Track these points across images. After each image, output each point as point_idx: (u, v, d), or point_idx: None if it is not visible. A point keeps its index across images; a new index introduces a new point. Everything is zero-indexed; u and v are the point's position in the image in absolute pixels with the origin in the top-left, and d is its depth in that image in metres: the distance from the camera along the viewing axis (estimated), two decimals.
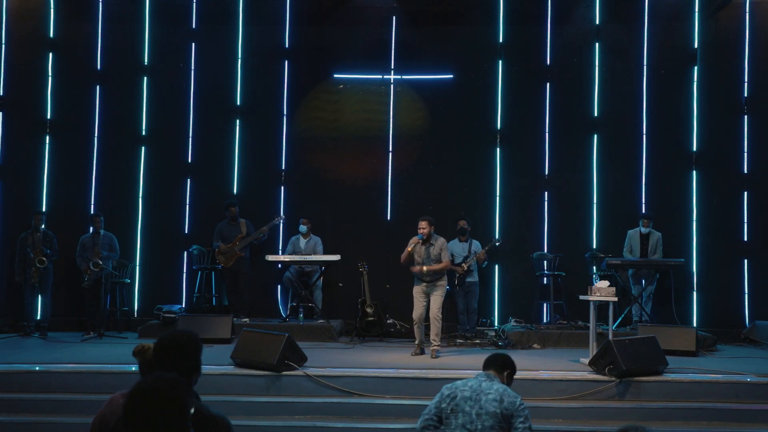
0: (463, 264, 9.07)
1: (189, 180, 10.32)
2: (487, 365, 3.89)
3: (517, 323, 9.29)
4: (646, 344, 6.63)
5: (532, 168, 10.29)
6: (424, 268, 7.65)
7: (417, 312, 7.75)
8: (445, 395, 3.71)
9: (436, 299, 7.68)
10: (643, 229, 9.44)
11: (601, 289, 7.11)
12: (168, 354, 2.81)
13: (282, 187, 10.34)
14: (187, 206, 10.28)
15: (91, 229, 9.39)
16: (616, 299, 7.19)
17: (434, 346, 7.66)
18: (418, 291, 7.76)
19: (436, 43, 10.46)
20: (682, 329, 8.27)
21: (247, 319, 9.14)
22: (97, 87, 10.32)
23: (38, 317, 9.23)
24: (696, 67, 10.14)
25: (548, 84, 10.32)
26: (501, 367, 3.88)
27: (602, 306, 7.75)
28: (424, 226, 7.68)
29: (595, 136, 10.21)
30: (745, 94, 10.09)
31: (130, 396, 2.19)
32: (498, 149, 10.27)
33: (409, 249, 7.69)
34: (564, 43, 10.35)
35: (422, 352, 7.78)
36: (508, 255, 10.05)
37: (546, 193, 10.23)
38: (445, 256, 7.76)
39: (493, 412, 3.56)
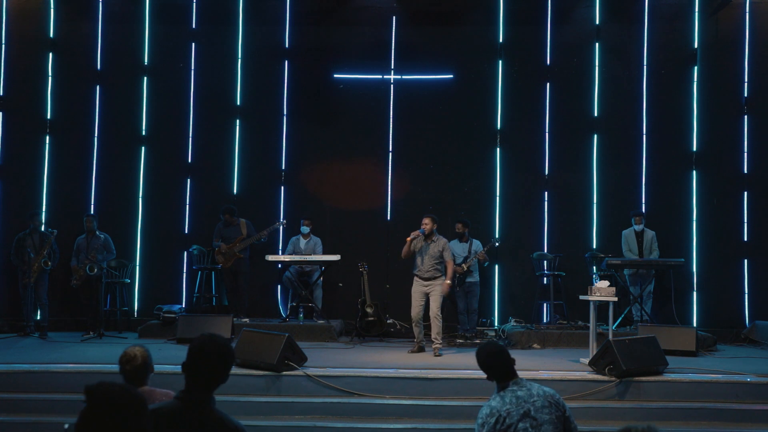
0: (464, 264, 9.07)
1: (189, 180, 10.32)
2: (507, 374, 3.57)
3: (517, 323, 9.29)
4: (646, 344, 6.63)
5: (532, 168, 10.29)
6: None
7: (415, 311, 7.87)
8: (491, 423, 3.38)
9: (435, 298, 7.77)
10: (636, 227, 9.45)
11: (601, 289, 7.11)
12: (206, 361, 2.61)
13: (282, 187, 10.34)
14: (187, 206, 10.27)
15: (85, 230, 9.34)
16: (616, 299, 7.18)
17: (436, 344, 7.73)
18: (416, 290, 7.86)
19: (436, 43, 10.46)
20: (682, 329, 8.26)
21: (247, 319, 9.12)
22: (97, 87, 10.31)
23: (38, 317, 9.21)
24: (696, 67, 10.14)
25: (548, 84, 10.31)
26: (508, 366, 3.59)
27: (602, 306, 7.75)
28: (426, 222, 7.84)
29: (595, 136, 10.21)
30: (745, 94, 10.09)
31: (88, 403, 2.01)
32: (498, 149, 10.27)
33: (409, 239, 7.83)
34: (564, 43, 10.35)
35: (421, 350, 7.89)
36: (508, 255, 10.05)
37: (546, 193, 10.23)
38: (448, 256, 7.88)
39: (549, 420, 3.40)
